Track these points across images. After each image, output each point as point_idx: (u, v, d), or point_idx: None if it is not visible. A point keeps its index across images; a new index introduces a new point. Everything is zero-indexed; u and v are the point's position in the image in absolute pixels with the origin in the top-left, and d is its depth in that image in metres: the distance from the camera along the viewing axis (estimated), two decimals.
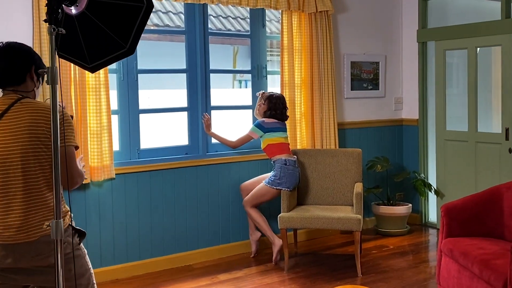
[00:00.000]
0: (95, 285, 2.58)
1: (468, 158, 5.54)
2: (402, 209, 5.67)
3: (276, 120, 4.87)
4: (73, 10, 2.26)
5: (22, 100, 2.35)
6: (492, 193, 3.97)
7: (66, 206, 2.44)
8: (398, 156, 6.17)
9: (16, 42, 2.51)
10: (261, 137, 4.87)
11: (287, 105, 5.04)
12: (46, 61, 3.96)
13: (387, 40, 6.07)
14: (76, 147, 2.41)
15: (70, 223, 2.41)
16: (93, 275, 2.58)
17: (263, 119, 4.88)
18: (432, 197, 5.96)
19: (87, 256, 2.55)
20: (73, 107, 4.16)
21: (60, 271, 2.16)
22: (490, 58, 5.75)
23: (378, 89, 6.00)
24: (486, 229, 3.86)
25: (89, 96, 4.25)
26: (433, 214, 5.98)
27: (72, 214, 2.47)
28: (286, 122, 5.01)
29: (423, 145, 6.01)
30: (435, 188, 5.82)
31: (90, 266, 2.56)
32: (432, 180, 5.92)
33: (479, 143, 5.44)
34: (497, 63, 5.51)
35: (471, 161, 5.51)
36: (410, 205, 5.77)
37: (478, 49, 5.45)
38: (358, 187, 4.73)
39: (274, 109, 4.86)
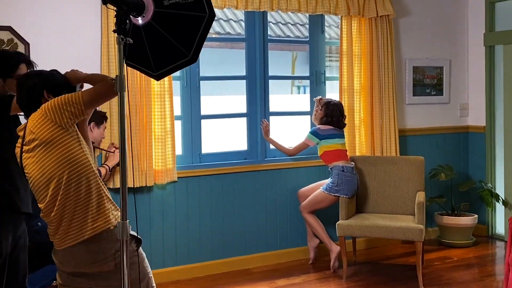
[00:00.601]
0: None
1: None
2: (467, 220, 5.56)
3: (332, 127, 4.88)
4: (140, 21, 2.42)
5: None
6: None
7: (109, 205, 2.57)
8: (463, 164, 6.05)
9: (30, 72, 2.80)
10: (317, 144, 4.89)
11: (346, 112, 5.03)
12: (115, 70, 4.24)
13: (451, 44, 5.97)
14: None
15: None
16: (152, 279, 2.66)
17: (319, 126, 4.90)
18: (499, 208, 5.82)
19: (146, 260, 2.62)
20: (139, 114, 4.36)
21: (126, 271, 2.33)
22: None
23: (442, 95, 5.91)
24: None
25: (154, 103, 4.45)
26: (500, 226, 5.82)
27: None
28: (344, 129, 5.04)
29: (491, 153, 5.87)
30: (503, 199, 5.68)
31: (149, 270, 2.64)
32: (500, 190, 5.78)
33: None
34: None
35: None
36: (476, 216, 5.65)
37: None
38: (420, 196, 4.68)
39: (331, 116, 4.87)
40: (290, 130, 6.05)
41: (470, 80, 6.05)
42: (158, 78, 2.58)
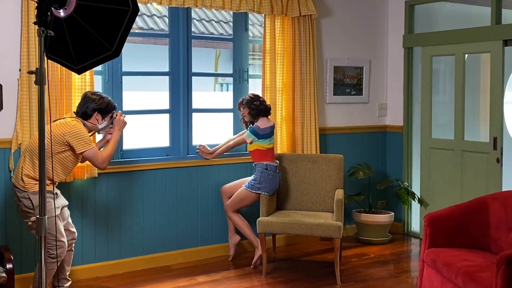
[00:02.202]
0: None
1: (453, 167, 5.62)
2: (384, 217, 5.81)
3: (267, 123, 4.98)
4: (62, 13, 2.41)
5: None
6: (478, 204, 4.03)
7: None
8: (381, 163, 6.32)
9: None
10: (253, 141, 4.99)
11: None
12: (35, 63, 4.25)
13: (371, 45, 6.22)
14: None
15: None
16: None
17: (258, 124, 4.97)
18: (415, 206, 6.08)
19: None
20: (59, 107, 4.38)
21: (44, 267, 2.48)
22: (478, 65, 5.84)
23: (362, 95, 6.15)
24: (471, 240, 3.92)
25: (75, 97, 4.45)
26: (416, 224, 6.11)
27: None
28: (276, 121, 5.16)
29: (407, 153, 6.14)
30: (419, 197, 5.94)
31: None
32: (416, 188, 6.04)
33: (466, 152, 5.51)
34: (486, 70, 5.59)
35: (457, 170, 5.59)
36: (393, 213, 5.90)
37: (466, 55, 5.54)
38: (339, 193, 4.85)
39: (256, 109, 4.95)
40: (213, 128, 6.22)
41: (389, 81, 6.32)
42: (79, 72, 2.60)
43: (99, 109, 4.14)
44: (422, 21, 6.13)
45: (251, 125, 5.04)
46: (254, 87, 5.59)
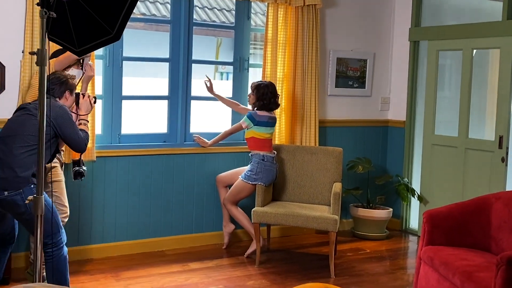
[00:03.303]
0: None
1: (456, 165, 5.60)
2: (382, 213, 5.83)
3: (267, 113, 5.02)
4: None
5: None
6: (480, 203, 3.99)
7: None
8: (381, 158, 6.32)
9: None
10: (249, 127, 5.03)
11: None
12: (37, 43, 4.34)
13: (377, 37, 6.20)
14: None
15: None
16: None
17: (256, 111, 5.02)
18: (414, 203, 6.08)
19: None
20: None
21: (40, 246, 2.64)
22: (487, 61, 5.79)
23: (364, 88, 6.15)
24: (471, 240, 3.90)
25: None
26: (414, 221, 6.11)
27: None
28: (276, 112, 5.17)
29: (409, 149, 6.13)
30: (419, 194, 5.94)
31: None
32: (416, 185, 6.03)
33: (470, 149, 5.49)
34: (494, 67, 5.54)
35: (459, 168, 5.57)
36: (391, 209, 5.91)
37: (475, 51, 5.50)
38: (337, 187, 4.87)
39: (262, 99, 4.99)
40: (211, 116, 6.35)
41: (393, 75, 6.30)
42: (80, 54, 2.73)
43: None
44: (429, 14, 6.08)
45: (249, 111, 5.09)
46: (255, 77, 5.61)
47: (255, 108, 5.07)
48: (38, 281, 2.60)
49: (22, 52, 4.39)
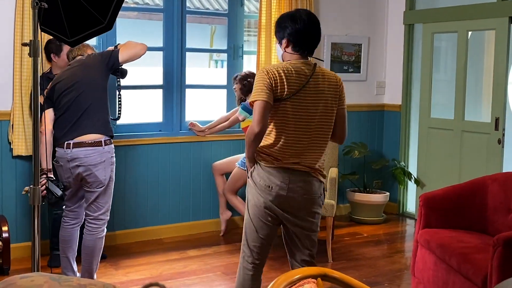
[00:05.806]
0: None
1: (452, 147, 5.62)
2: (379, 197, 5.87)
3: None
4: None
5: (317, 67, 3.03)
6: (476, 185, 4.00)
7: None
8: (377, 142, 6.35)
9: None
10: (245, 118, 5.05)
11: None
12: (29, 35, 4.34)
13: (371, 21, 6.21)
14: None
15: None
16: None
17: (248, 101, 5.17)
18: (411, 187, 6.11)
19: None
20: None
21: (37, 236, 2.67)
22: (482, 43, 5.79)
23: (360, 72, 6.18)
24: (467, 222, 3.91)
25: None
26: (411, 204, 6.15)
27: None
28: None
29: (405, 132, 6.15)
30: (415, 178, 5.97)
31: None
32: (413, 169, 6.06)
33: (466, 132, 5.51)
34: (489, 48, 5.55)
35: (455, 151, 5.60)
36: (388, 193, 5.96)
37: (470, 33, 5.50)
38: (333, 172, 4.90)
39: (249, 85, 4.95)
40: (206, 104, 6.39)
41: (388, 59, 6.32)
42: (73, 44, 2.75)
43: None
44: None
45: (242, 102, 5.12)
46: (249, 64, 5.62)
47: (245, 97, 5.09)
48: (36, 271, 2.64)
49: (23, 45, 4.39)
